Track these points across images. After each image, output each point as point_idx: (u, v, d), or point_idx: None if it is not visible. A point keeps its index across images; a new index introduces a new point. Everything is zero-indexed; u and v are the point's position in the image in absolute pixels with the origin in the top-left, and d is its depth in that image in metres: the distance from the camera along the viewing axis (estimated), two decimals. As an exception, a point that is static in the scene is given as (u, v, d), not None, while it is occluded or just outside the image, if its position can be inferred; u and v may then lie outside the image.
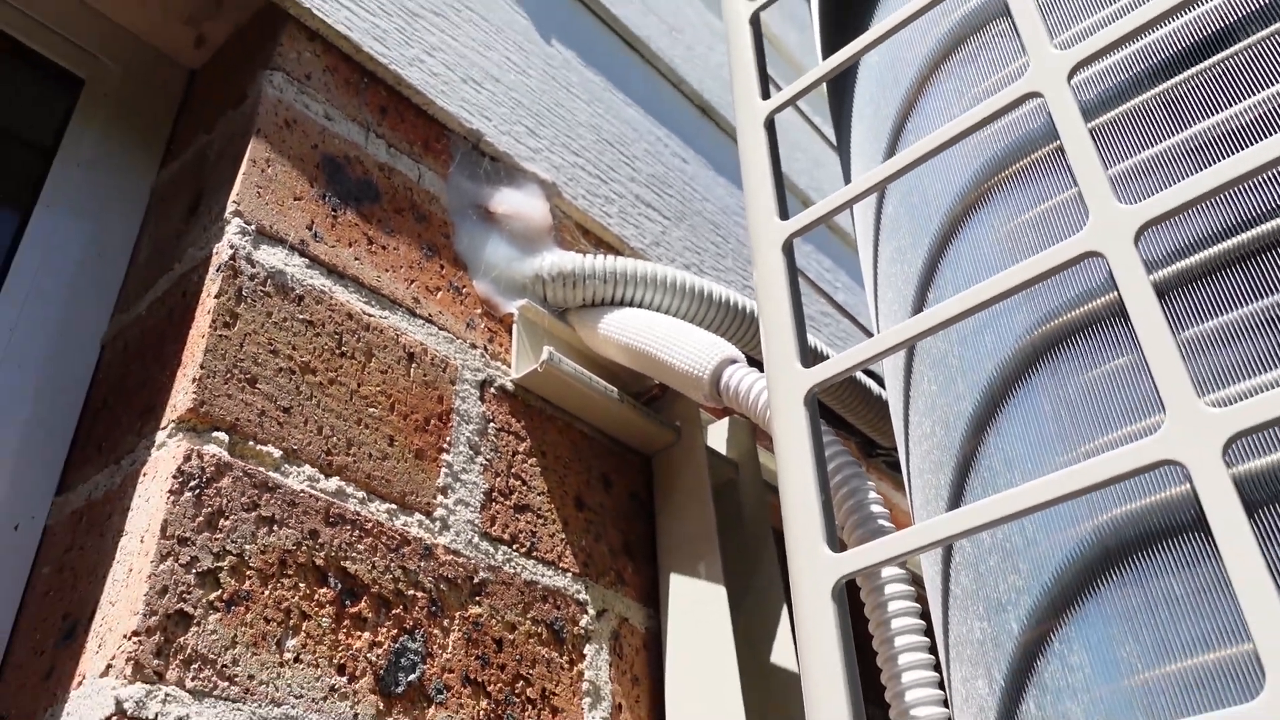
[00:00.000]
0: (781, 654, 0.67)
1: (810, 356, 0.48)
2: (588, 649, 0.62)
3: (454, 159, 0.72)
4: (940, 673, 0.50)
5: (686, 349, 0.65)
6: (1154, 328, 0.37)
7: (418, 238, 0.65)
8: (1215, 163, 0.42)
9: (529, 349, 0.68)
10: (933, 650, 0.52)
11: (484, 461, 0.62)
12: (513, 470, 0.63)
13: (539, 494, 0.64)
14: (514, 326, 0.69)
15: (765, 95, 0.57)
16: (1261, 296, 0.38)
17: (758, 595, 0.69)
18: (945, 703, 0.50)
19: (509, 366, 0.67)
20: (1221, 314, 0.39)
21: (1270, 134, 0.40)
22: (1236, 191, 0.40)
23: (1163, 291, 0.41)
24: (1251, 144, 0.40)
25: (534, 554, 0.61)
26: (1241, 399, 0.38)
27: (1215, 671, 0.35)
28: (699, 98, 1.05)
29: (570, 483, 0.67)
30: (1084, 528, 0.40)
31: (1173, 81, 0.44)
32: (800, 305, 0.49)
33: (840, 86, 0.68)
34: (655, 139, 0.95)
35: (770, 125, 0.55)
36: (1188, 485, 0.37)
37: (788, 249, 0.50)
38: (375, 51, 0.68)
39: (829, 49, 0.68)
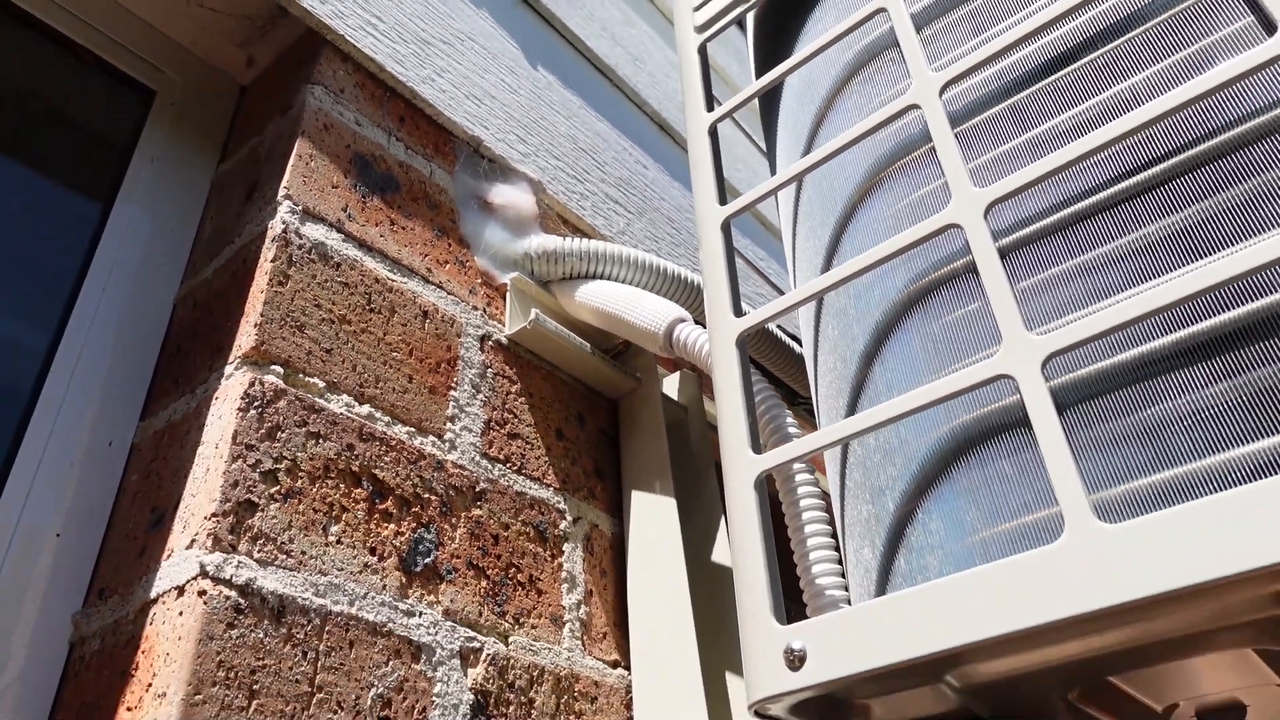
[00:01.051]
0: (719, 554, 0.71)
1: (741, 310, 0.52)
2: (566, 547, 0.66)
3: (459, 159, 0.75)
4: (839, 550, 0.55)
5: (645, 311, 0.70)
6: (996, 280, 0.42)
7: (430, 221, 0.69)
8: (1043, 157, 0.47)
9: (519, 311, 0.72)
10: (834, 535, 0.57)
11: (483, 398, 0.66)
12: (506, 406, 0.67)
13: (527, 425, 0.68)
14: (507, 294, 0.73)
15: (710, 108, 0.62)
16: (1075, 256, 0.44)
17: (701, 509, 0.74)
18: (842, 572, 0.55)
19: (503, 325, 0.71)
20: (1047, 269, 0.44)
21: (1081, 136, 0.45)
22: (1059, 179, 0.45)
23: (1004, 253, 0.46)
24: (1066, 144, 0.46)
25: (523, 471, 0.66)
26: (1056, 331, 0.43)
27: (1034, 529, 0.40)
28: (658, 116, 1.10)
29: (552, 418, 0.71)
30: (943, 430, 0.45)
31: (1015, 99, 0.49)
32: (735, 270, 0.53)
33: (770, 103, 0.73)
34: (621, 149, 0.99)
35: (713, 132, 0.60)
36: (1017, 394, 0.42)
37: (725, 228, 0.55)
38: (396, 71, 0.71)
39: (761, 71, 0.73)
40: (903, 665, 0.39)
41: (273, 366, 0.52)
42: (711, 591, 0.70)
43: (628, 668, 0.66)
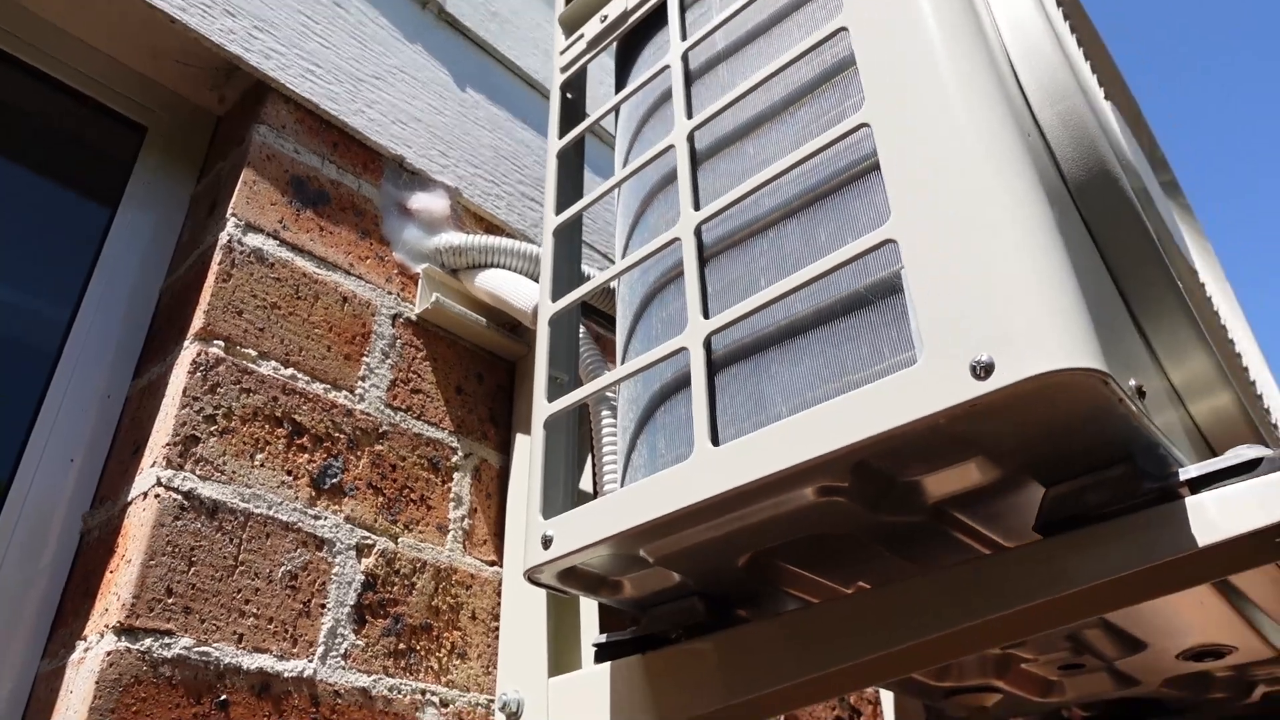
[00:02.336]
0: (584, 484, 0.90)
1: (567, 288, 0.70)
2: (455, 475, 0.86)
3: (384, 174, 0.94)
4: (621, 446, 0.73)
5: (520, 295, 0.88)
6: (692, 280, 0.59)
7: (356, 226, 0.88)
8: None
9: (429, 294, 0.91)
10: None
11: (391, 363, 0.85)
12: (411, 369, 0.87)
13: (429, 383, 0.88)
14: (419, 280, 0.92)
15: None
16: (745, 267, 0.61)
17: (575, 448, 0.93)
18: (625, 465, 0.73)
19: (414, 305, 0.90)
20: (728, 277, 0.61)
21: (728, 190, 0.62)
22: (737, 216, 0.62)
23: (705, 261, 0.63)
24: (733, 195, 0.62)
25: (422, 418, 0.85)
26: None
27: (688, 452, 0.58)
28: (585, 120, 1.26)
29: (452, 377, 0.91)
30: (655, 386, 0.63)
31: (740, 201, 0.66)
32: (565, 265, 0.71)
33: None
34: (544, 152, 1.17)
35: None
36: (691, 361, 0.59)
37: (557, 233, 0.73)
38: (329, 108, 0.90)
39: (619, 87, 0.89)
40: (602, 540, 0.57)
41: (215, 341, 0.72)
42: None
43: (501, 565, 0.85)
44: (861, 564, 0.62)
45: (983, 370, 0.43)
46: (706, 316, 0.59)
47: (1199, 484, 0.46)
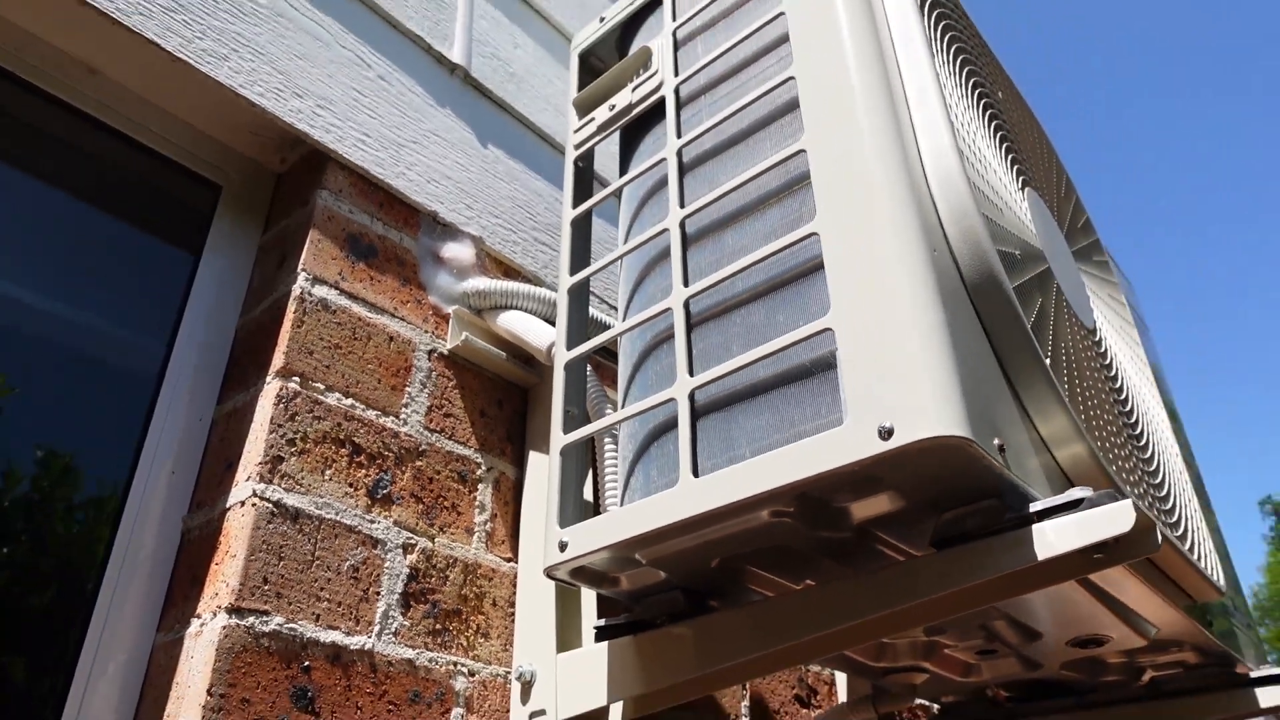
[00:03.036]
0: (585, 493, 1.07)
1: (579, 339, 0.87)
2: (480, 486, 1.02)
3: (421, 227, 1.10)
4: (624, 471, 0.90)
5: (536, 334, 1.05)
6: (681, 344, 0.76)
7: (399, 274, 1.05)
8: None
9: (459, 333, 1.07)
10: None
11: (428, 391, 1.02)
12: (444, 395, 1.03)
13: (459, 408, 1.04)
14: (450, 320, 1.08)
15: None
16: (722, 335, 0.77)
17: (578, 463, 1.09)
18: (625, 487, 0.90)
19: (446, 341, 1.07)
20: (709, 341, 0.78)
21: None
22: (719, 291, 0.78)
23: (691, 327, 0.80)
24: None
25: (453, 438, 1.02)
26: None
27: (674, 480, 0.75)
28: (588, 169, 1.43)
29: (477, 403, 1.07)
30: (650, 425, 0.79)
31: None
32: (576, 317, 0.88)
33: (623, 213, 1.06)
34: (554, 200, 1.33)
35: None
36: (679, 410, 0.76)
37: (570, 291, 0.89)
38: (377, 173, 1.06)
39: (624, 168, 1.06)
40: (607, 546, 0.74)
41: (293, 377, 0.88)
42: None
43: (516, 561, 1.02)
44: (807, 567, 0.80)
45: (886, 433, 0.60)
46: (691, 374, 0.76)
47: (1043, 515, 0.63)
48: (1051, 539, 0.62)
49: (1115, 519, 0.60)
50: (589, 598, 0.99)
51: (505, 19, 1.40)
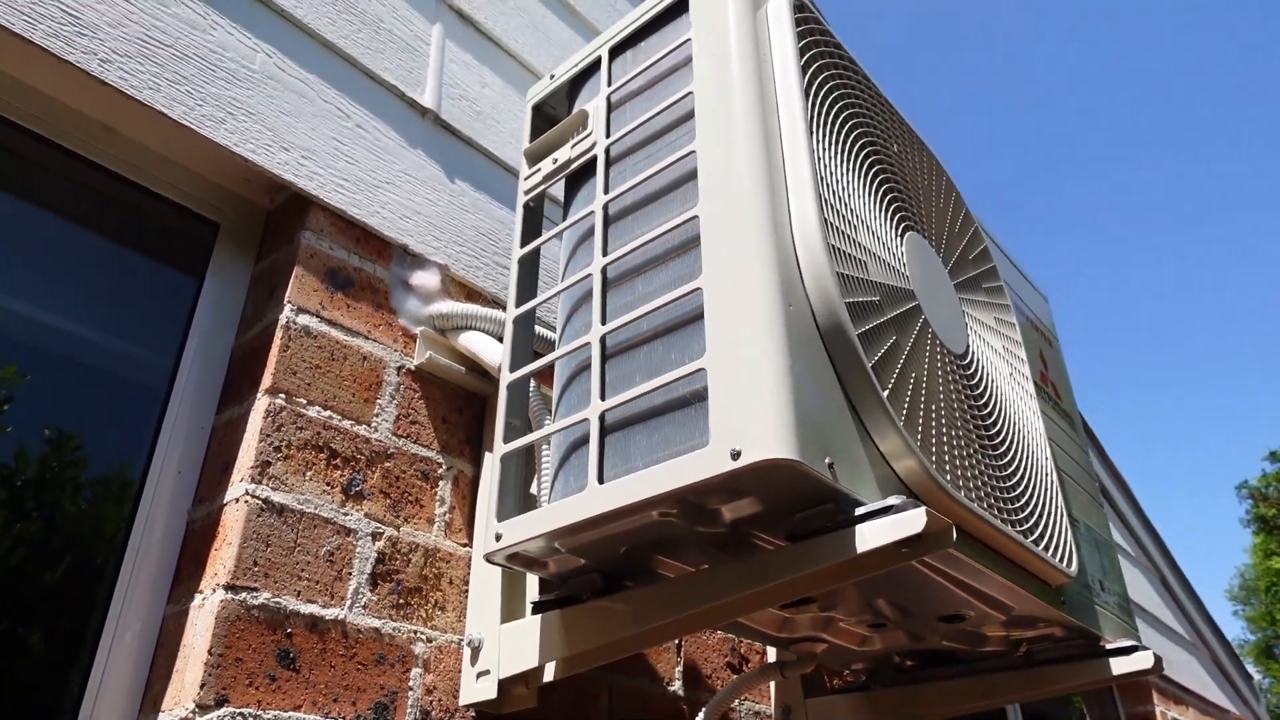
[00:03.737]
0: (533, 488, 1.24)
1: (523, 362, 1.04)
2: (440, 483, 1.20)
3: (393, 258, 1.27)
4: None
5: (488, 353, 1.21)
6: (595, 373, 0.93)
7: (372, 301, 1.21)
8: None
9: (425, 351, 1.24)
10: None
11: (396, 403, 1.18)
12: (410, 405, 1.20)
13: (423, 416, 1.21)
14: (418, 339, 1.25)
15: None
16: (629, 366, 0.94)
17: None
18: (551, 488, 1.07)
19: (413, 358, 1.24)
20: (619, 370, 0.95)
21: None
22: (628, 329, 0.95)
23: (605, 359, 0.96)
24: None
25: (418, 441, 1.19)
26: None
27: (583, 486, 0.92)
28: (548, 196, 1.59)
29: (439, 411, 1.24)
30: (572, 438, 0.96)
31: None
32: (521, 343, 1.05)
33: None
34: (514, 226, 1.49)
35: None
36: (590, 429, 0.93)
37: (515, 321, 1.06)
38: (354, 213, 1.22)
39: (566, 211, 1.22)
40: (532, 537, 0.91)
41: (280, 394, 1.05)
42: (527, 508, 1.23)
43: (471, 546, 1.19)
44: (701, 554, 0.97)
45: (735, 455, 0.77)
46: (603, 399, 0.93)
47: (863, 518, 0.80)
48: (868, 536, 0.80)
49: (913, 521, 0.77)
50: (532, 578, 1.16)
51: (474, 60, 1.55)
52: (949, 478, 0.96)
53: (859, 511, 0.81)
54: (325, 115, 1.24)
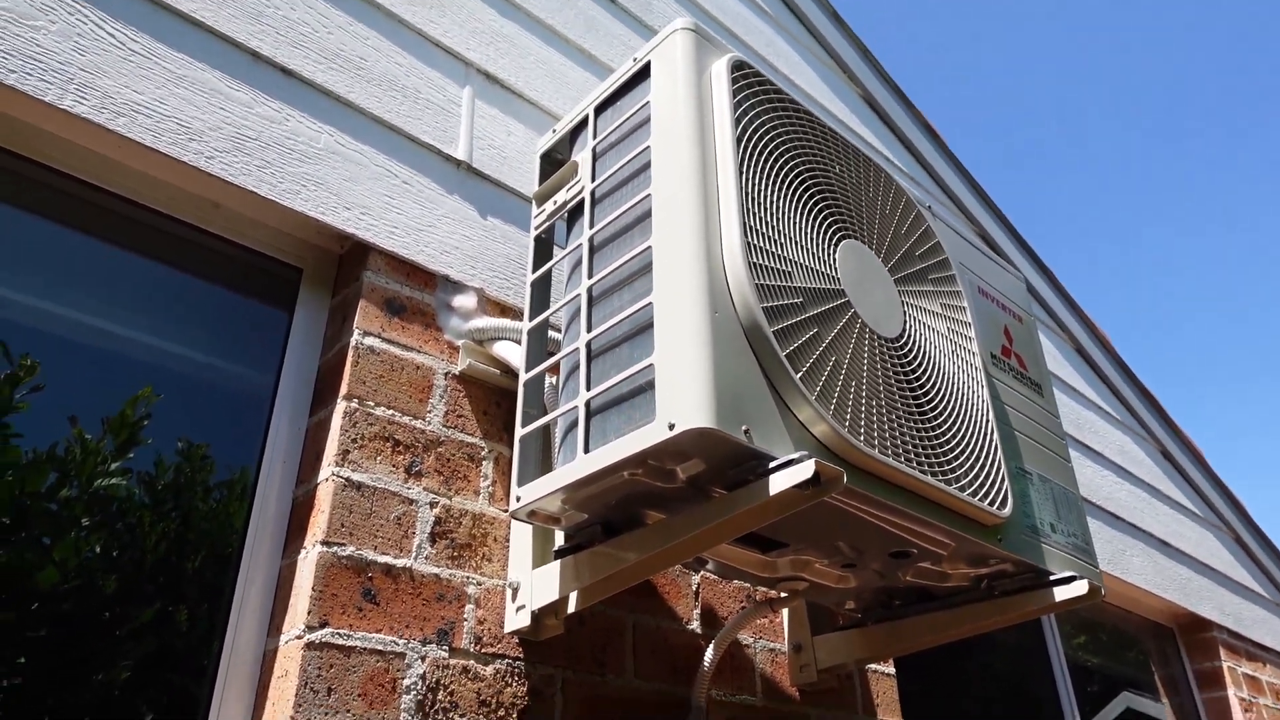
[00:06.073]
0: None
1: (536, 363, 1.34)
2: (484, 462, 1.51)
3: (438, 287, 1.58)
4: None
5: (516, 359, 1.52)
6: (582, 370, 1.22)
7: (421, 322, 1.53)
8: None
9: (466, 359, 1.55)
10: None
11: (445, 401, 1.50)
12: (456, 403, 1.52)
13: (468, 410, 1.53)
14: (460, 350, 1.56)
15: (533, 270, 1.42)
16: (610, 361, 1.23)
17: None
18: (555, 459, 1.36)
19: (457, 365, 1.55)
20: (603, 366, 1.23)
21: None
22: (607, 333, 1.24)
23: (591, 358, 1.25)
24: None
25: (464, 431, 1.50)
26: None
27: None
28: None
29: (480, 406, 1.55)
30: (569, 420, 1.25)
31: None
32: (535, 349, 1.35)
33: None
34: (539, 250, 1.79)
35: (532, 284, 1.41)
36: (579, 413, 1.22)
37: (529, 332, 1.37)
38: (406, 254, 1.54)
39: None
40: (540, 498, 1.22)
41: (354, 399, 1.38)
42: (554, 481, 1.53)
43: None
44: (672, 505, 1.25)
45: (671, 426, 1.05)
46: (589, 390, 1.22)
47: (775, 470, 1.07)
48: (777, 483, 1.07)
49: (805, 470, 1.04)
50: (558, 534, 1.46)
51: (500, 113, 1.86)
52: (862, 437, 1.21)
53: (772, 465, 1.08)
54: (377, 177, 1.57)
